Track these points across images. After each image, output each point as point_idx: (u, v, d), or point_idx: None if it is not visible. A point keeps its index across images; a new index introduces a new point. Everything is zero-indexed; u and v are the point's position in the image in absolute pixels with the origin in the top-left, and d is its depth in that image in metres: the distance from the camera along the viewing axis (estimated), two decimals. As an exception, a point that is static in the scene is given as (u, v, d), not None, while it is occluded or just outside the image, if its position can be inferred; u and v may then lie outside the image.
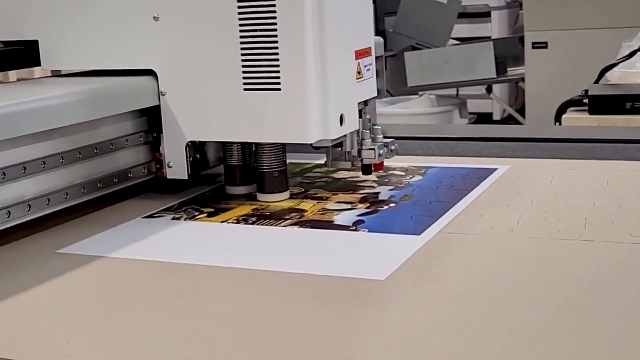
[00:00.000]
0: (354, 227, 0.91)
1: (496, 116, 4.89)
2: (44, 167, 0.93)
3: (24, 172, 0.90)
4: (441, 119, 3.76)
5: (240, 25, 0.97)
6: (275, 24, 0.95)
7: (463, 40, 4.32)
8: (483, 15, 4.97)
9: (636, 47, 1.96)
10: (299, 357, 0.61)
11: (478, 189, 1.04)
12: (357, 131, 1.04)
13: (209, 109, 1.01)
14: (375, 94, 1.09)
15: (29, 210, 0.91)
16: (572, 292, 0.70)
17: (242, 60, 0.98)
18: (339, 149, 1.05)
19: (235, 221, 0.96)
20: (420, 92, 3.89)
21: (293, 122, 0.97)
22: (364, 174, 1.08)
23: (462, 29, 4.70)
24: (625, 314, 0.65)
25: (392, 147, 1.08)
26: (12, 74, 1.23)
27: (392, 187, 1.08)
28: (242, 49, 0.98)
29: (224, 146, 1.08)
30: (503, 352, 0.60)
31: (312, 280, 0.77)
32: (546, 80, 3.34)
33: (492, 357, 0.59)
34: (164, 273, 0.81)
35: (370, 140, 1.05)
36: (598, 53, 2.68)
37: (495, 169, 1.14)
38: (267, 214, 0.98)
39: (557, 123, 1.88)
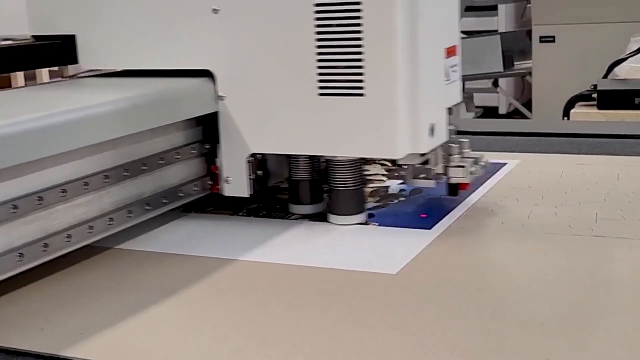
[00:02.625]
0: (365, 221, 0.92)
1: (502, 110, 4.89)
2: (86, 189, 0.80)
3: (63, 197, 0.77)
4: (448, 113, 3.75)
5: (317, 18, 0.83)
6: (359, 17, 0.81)
7: (470, 33, 4.31)
8: (490, 8, 4.96)
9: (645, 42, 1.96)
10: (310, 350, 0.61)
11: (488, 183, 1.05)
12: (444, 144, 0.90)
13: (276, 117, 0.88)
14: (461, 100, 0.93)
15: (68, 241, 0.78)
16: (584, 287, 0.71)
17: (318, 60, 0.84)
18: (426, 165, 0.90)
19: (245, 214, 0.97)
20: (426, 86, 3.89)
21: (377, 133, 0.83)
22: (450, 195, 0.94)
23: (469, 22, 4.69)
24: (636, 310, 0.65)
25: (482, 163, 0.93)
26: (45, 72, 1.10)
27: (402, 181, 1.08)
28: (318, 46, 0.84)
29: (290, 159, 0.95)
30: (514, 346, 0.60)
31: (323, 273, 0.77)
32: (553, 75, 3.34)
33: (504, 352, 0.59)
34: (173, 265, 0.81)
35: (458, 155, 0.91)
36: (606, 47, 2.68)
37: (505, 164, 1.14)
38: (277, 206, 0.99)
39: (566, 118, 1.88)
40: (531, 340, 0.61)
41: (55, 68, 1.07)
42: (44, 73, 1.21)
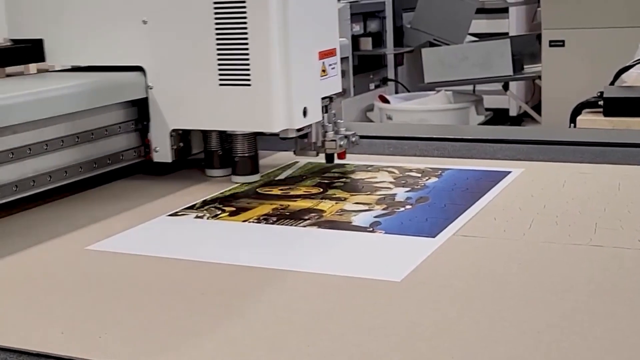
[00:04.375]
0: (371, 229, 0.95)
1: (512, 112, 4.90)
2: (46, 148, 1.08)
3: (29, 153, 1.06)
4: (457, 115, 3.78)
5: (216, 30, 1.12)
6: (245, 29, 1.10)
7: (480, 36, 4.33)
8: (501, 11, 4.98)
9: (653, 49, 1.98)
10: (315, 356, 0.64)
11: (492, 192, 1.07)
12: (322, 124, 1.18)
13: (189, 102, 1.16)
14: (340, 90, 1.21)
15: (33, 185, 1.06)
16: (581, 296, 0.73)
17: (218, 60, 1.13)
18: (305, 140, 1.19)
19: (256, 220, 1.00)
20: (437, 89, 3.91)
21: (261, 113, 1.11)
22: (327, 162, 1.23)
23: (480, 25, 4.71)
24: (632, 319, 0.68)
25: (353, 139, 1.21)
26: (33, 67, 1.38)
27: (408, 189, 1.11)
28: (217, 50, 1.12)
29: (205, 134, 1.23)
30: (513, 353, 0.63)
31: (330, 280, 0.80)
32: (563, 79, 3.35)
33: (503, 358, 0.62)
34: (187, 271, 0.84)
35: (333, 132, 1.19)
36: (615, 52, 2.69)
37: (509, 172, 1.17)
38: (287, 214, 1.02)
39: (572, 125, 1.90)
40: (532, 348, 0.64)
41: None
42: (31, 69, 1.46)
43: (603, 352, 0.62)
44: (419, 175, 1.18)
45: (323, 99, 1.17)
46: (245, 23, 1.10)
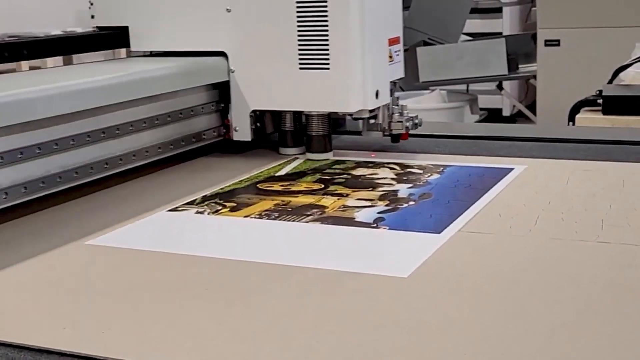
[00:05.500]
0: (375, 225, 0.94)
1: (506, 112, 4.90)
2: (145, 125, 1.19)
3: (131, 129, 1.16)
4: (452, 115, 3.77)
5: (298, 17, 1.21)
6: (326, 16, 1.19)
7: (474, 35, 4.32)
8: (494, 11, 4.97)
9: (650, 48, 1.97)
10: (322, 351, 0.63)
11: (495, 188, 1.06)
12: (388, 106, 1.27)
13: (269, 84, 1.26)
14: (402, 76, 1.31)
15: (135, 157, 1.16)
16: (590, 293, 0.72)
17: (299, 46, 1.22)
18: (373, 121, 1.28)
19: (257, 216, 0.99)
20: (431, 88, 3.90)
21: (338, 95, 1.21)
22: (393, 142, 1.29)
23: (474, 25, 4.70)
24: (643, 316, 0.67)
25: (417, 121, 1.30)
26: (122, 52, 1.44)
27: (410, 185, 1.10)
28: (298, 36, 1.21)
29: (279, 114, 1.32)
30: (521, 350, 0.62)
31: (336, 276, 0.79)
32: (558, 78, 3.35)
33: (511, 355, 0.61)
34: (190, 266, 0.83)
35: (398, 114, 1.28)
36: (611, 52, 2.69)
37: (512, 169, 1.16)
38: (289, 209, 1.00)
39: (571, 123, 1.89)
40: (539, 345, 0.63)
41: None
42: (122, 53, 1.54)
43: (616, 351, 0.62)
44: (421, 171, 1.17)
45: (390, 82, 1.26)
46: (326, 11, 1.19)
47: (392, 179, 1.14)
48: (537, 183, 1.09)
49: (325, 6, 1.18)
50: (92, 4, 1.37)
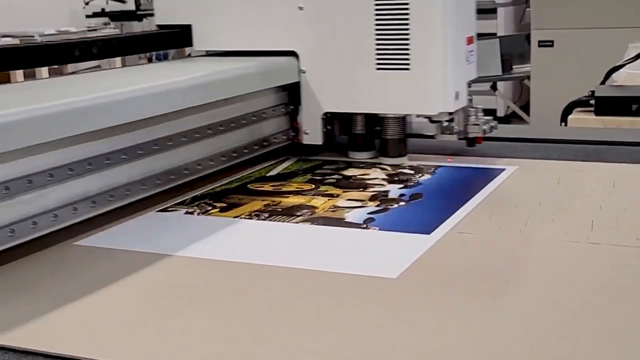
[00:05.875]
0: (365, 225, 0.93)
1: (500, 113, 4.90)
2: (221, 128, 1.14)
3: (184, 139, 1.08)
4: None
5: (376, 15, 1.17)
6: (407, 14, 1.15)
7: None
8: (489, 11, 4.98)
9: (643, 49, 1.97)
10: (312, 353, 0.63)
11: (486, 189, 1.06)
12: (464, 108, 1.21)
13: (343, 85, 1.21)
14: (476, 76, 1.25)
15: (199, 167, 1.10)
16: (580, 293, 0.72)
17: (376, 45, 1.17)
18: (447, 123, 1.22)
19: (247, 217, 0.98)
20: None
21: (419, 97, 1.16)
22: (468, 146, 1.24)
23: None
24: (630, 316, 0.67)
25: (492, 124, 1.25)
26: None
27: (401, 186, 1.09)
28: (376, 35, 1.17)
29: (350, 117, 1.26)
30: (513, 351, 0.62)
31: (325, 277, 0.78)
32: (551, 79, 3.35)
33: (503, 355, 0.61)
34: (175, 267, 0.83)
35: (474, 117, 1.22)
36: (604, 53, 2.69)
37: (504, 170, 1.16)
38: (279, 210, 1.00)
39: (563, 123, 1.89)
40: (531, 345, 0.62)
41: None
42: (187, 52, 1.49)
43: (610, 352, 0.61)
44: (412, 172, 1.17)
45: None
46: (407, 9, 1.14)
47: (383, 179, 1.13)
48: (528, 184, 1.09)
49: (407, 2, 1.14)
50: (87, 3, 1.35)
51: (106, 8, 5.44)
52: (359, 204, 1.02)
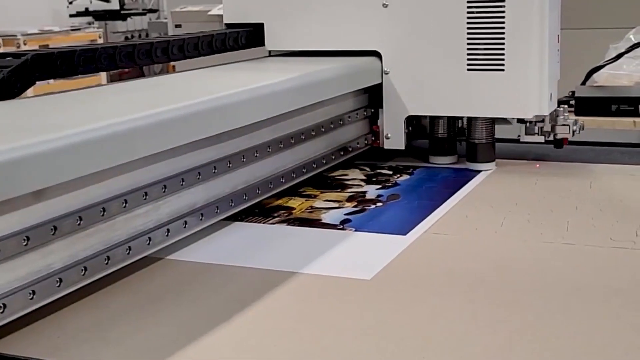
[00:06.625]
0: (341, 226, 0.93)
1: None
2: (312, 134, 1.07)
3: (292, 142, 1.03)
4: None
5: (469, 11, 1.11)
6: (503, 12, 1.09)
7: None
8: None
9: (623, 50, 1.98)
10: (284, 355, 0.63)
11: (463, 190, 1.06)
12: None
13: (430, 87, 1.15)
14: (559, 77, 1.20)
15: (282, 181, 1.02)
16: (553, 294, 0.72)
17: (468, 44, 1.12)
18: (532, 124, 1.17)
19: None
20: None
21: (515, 99, 1.11)
22: (555, 147, 1.19)
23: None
24: (603, 317, 0.67)
25: (580, 124, 1.22)
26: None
27: (379, 187, 1.09)
28: (468, 34, 1.11)
29: (432, 120, 1.21)
30: (485, 352, 0.62)
31: (299, 278, 0.78)
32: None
33: (474, 357, 0.61)
34: (153, 269, 0.82)
35: (562, 117, 1.18)
36: (585, 53, 2.70)
37: (480, 171, 1.16)
38: (256, 210, 1.00)
39: (543, 124, 1.89)
40: (505, 348, 0.62)
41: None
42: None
43: (577, 352, 0.61)
44: (390, 172, 1.17)
45: None
46: (502, 5, 1.09)
47: (362, 180, 1.13)
48: (505, 185, 1.09)
49: (503, 0, 1.09)
50: (70, 2, 1.29)
51: (90, 7, 5.43)
52: (336, 205, 1.02)
